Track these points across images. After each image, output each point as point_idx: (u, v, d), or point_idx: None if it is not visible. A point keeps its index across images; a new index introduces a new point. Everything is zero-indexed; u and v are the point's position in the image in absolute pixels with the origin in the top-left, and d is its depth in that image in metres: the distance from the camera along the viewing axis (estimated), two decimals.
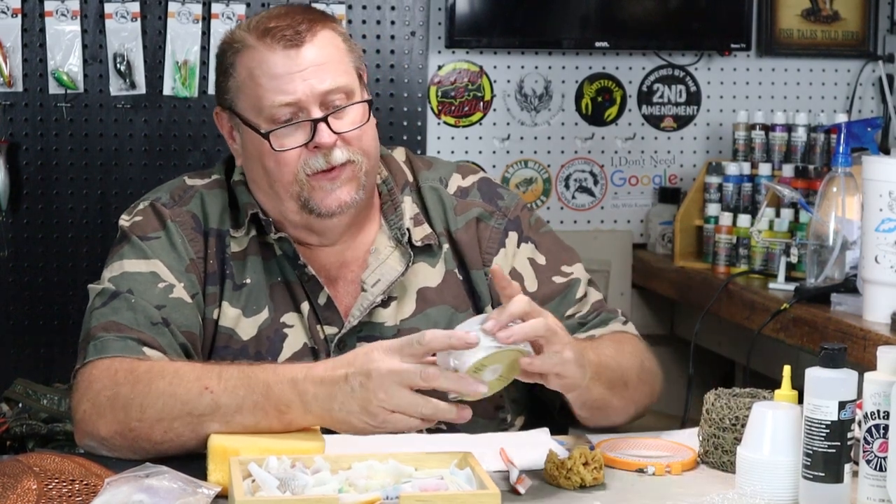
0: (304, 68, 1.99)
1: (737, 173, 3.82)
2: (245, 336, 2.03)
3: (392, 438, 1.98)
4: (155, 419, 1.82)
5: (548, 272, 2.13)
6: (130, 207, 2.12)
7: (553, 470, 1.77)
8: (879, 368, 1.68)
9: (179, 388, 1.82)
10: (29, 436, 3.27)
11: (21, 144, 3.81)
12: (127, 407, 1.84)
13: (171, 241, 2.04)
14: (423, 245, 2.10)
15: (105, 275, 2.03)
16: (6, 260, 3.80)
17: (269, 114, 2.00)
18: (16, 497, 1.63)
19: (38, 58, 3.79)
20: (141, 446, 1.84)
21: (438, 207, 2.14)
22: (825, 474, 1.65)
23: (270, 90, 1.99)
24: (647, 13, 4.14)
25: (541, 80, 4.15)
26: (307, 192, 2.01)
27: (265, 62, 2.00)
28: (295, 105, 1.99)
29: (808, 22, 4.26)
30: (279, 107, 1.99)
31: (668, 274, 3.95)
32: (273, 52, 2.00)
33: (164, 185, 2.15)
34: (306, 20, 2.02)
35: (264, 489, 1.62)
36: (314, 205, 2.01)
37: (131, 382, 1.85)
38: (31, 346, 3.84)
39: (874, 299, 2.90)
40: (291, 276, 2.06)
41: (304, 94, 1.99)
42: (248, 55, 2.02)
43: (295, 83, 1.98)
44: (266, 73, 1.99)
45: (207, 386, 1.80)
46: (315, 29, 2.02)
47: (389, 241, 2.10)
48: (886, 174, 2.82)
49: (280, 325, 2.05)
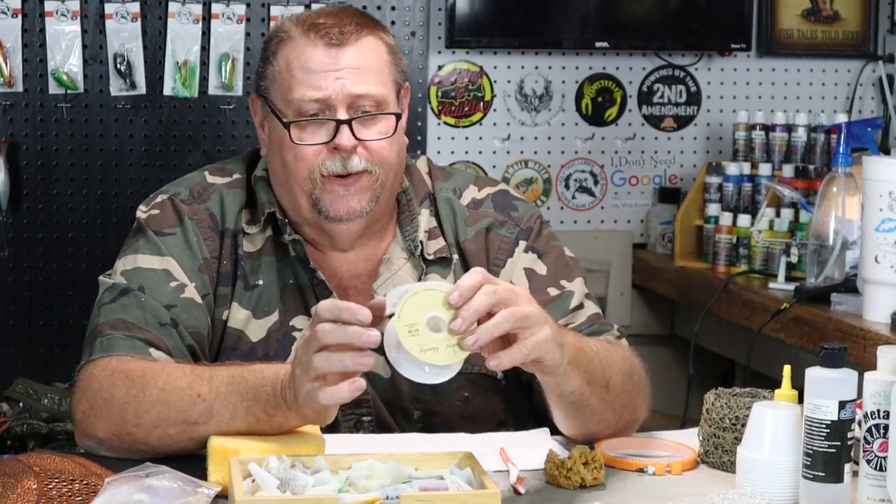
0: (340, 68, 1.98)
1: (737, 173, 3.82)
2: (254, 338, 2.03)
3: (392, 438, 1.99)
4: (151, 426, 1.82)
5: (544, 283, 2.08)
6: (149, 198, 2.11)
7: (553, 470, 1.77)
8: (879, 368, 1.68)
9: (172, 395, 1.81)
10: (29, 435, 3.27)
11: (21, 144, 3.81)
12: (123, 411, 1.83)
13: (186, 238, 2.03)
14: (437, 258, 2.09)
15: (118, 267, 2.02)
16: (6, 260, 3.81)
17: (296, 106, 1.99)
18: (16, 497, 1.63)
19: (38, 58, 3.79)
20: (138, 448, 1.84)
21: (450, 218, 2.12)
22: (825, 474, 1.65)
23: (302, 83, 1.99)
24: (647, 13, 4.15)
25: (541, 80, 4.15)
26: (318, 192, 2.00)
27: (304, 55, 2.00)
28: (323, 102, 1.98)
29: (808, 22, 4.26)
30: (307, 101, 1.98)
31: (668, 274, 3.95)
32: (314, 47, 1.99)
33: (184, 179, 2.13)
34: (355, 23, 2.02)
35: (264, 489, 1.62)
36: (323, 206, 2.00)
37: (126, 385, 1.85)
38: (31, 346, 3.84)
39: (874, 299, 2.90)
40: (304, 279, 2.06)
41: (333, 93, 1.98)
42: (289, 46, 2.02)
43: (328, 80, 1.98)
44: (302, 66, 1.99)
45: (199, 394, 1.80)
46: (361, 33, 2.01)
47: (403, 252, 2.08)
48: (886, 174, 2.82)
49: (289, 329, 2.04)
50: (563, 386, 1.83)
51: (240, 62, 3.86)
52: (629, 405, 1.95)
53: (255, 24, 3.90)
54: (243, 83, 3.87)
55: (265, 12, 3.89)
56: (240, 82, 3.87)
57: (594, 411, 1.90)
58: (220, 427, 1.78)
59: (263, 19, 3.90)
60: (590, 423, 1.92)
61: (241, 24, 3.87)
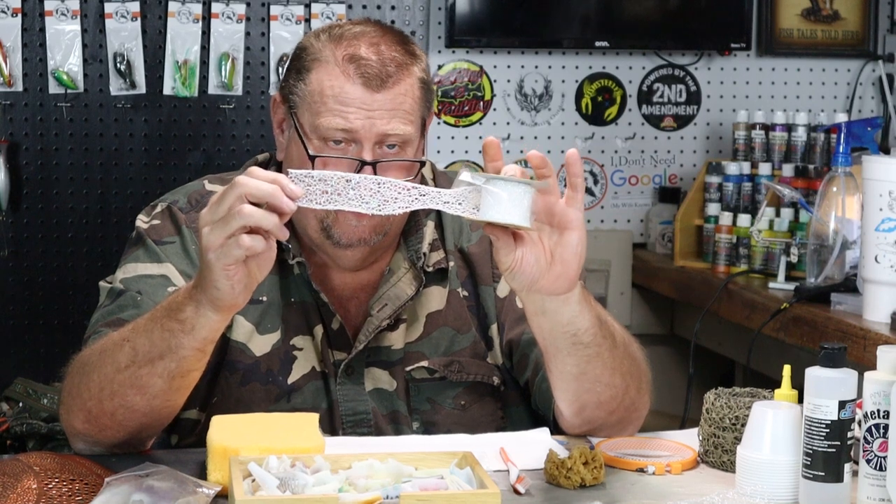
0: (373, 109, 1.96)
1: (737, 173, 3.82)
2: (258, 352, 2.02)
3: (392, 439, 1.99)
4: (98, 390, 1.81)
5: None
6: (148, 207, 2.10)
7: (553, 470, 1.77)
8: (879, 368, 1.68)
9: (106, 353, 1.81)
10: (29, 435, 3.28)
11: (21, 144, 3.81)
12: (80, 392, 1.84)
13: (185, 247, 2.03)
14: (436, 270, 2.08)
15: (118, 275, 2.03)
16: (6, 260, 3.81)
17: (323, 133, 1.97)
18: (16, 496, 1.63)
19: (38, 57, 3.79)
20: (104, 424, 1.83)
21: (454, 225, 2.12)
22: (825, 474, 1.65)
23: (333, 112, 1.96)
24: (647, 13, 4.15)
25: (541, 79, 4.16)
26: (330, 221, 1.99)
27: (339, 87, 1.96)
28: (349, 133, 1.96)
29: (808, 21, 4.26)
30: (335, 130, 1.96)
31: (668, 274, 3.95)
32: (351, 83, 1.96)
33: (184, 188, 2.12)
34: (396, 63, 1.98)
35: (264, 489, 1.62)
36: (334, 234, 1.99)
37: (79, 368, 1.85)
38: (31, 346, 3.84)
39: (874, 299, 2.90)
40: (307, 297, 2.05)
41: (362, 129, 1.95)
42: (325, 70, 1.98)
43: (359, 117, 1.95)
44: (336, 97, 1.96)
45: (125, 338, 1.79)
46: (401, 77, 1.98)
47: (405, 261, 2.07)
48: (886, 174, 2.82)
49: (290, 348, 2.04)
50: (580, 321, 1.80)
51: (240, 62, 3.86)
52: (634, 375, 1.92)
53: (254, 23, 3.90)
54: (243, 83, 3.87)
55: (265, 12, 3.89)
56: (240, 82, 3.87)
57: (605, 365, 1.85)
58: (146, 360, 1.76)
59: (263, 19, 3.90)
60: (598, 385, 1.87)
61: (241, 23, 3.87)
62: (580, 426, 1.95)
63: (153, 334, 1.77)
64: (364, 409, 2.03)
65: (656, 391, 2.05)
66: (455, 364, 2.06)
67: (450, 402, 2.06)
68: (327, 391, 2.03)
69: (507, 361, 2.08)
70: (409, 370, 2.05)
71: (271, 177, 1.66)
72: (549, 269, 1.72)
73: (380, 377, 2.04)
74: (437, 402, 2.05)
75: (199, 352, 1.77)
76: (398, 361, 2.05)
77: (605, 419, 1.93)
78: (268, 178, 1.65)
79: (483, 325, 2.08)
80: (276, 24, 3.90)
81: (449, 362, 2.06)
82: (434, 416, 2.06)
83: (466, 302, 2.08)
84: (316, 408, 2.01)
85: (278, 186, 1.65)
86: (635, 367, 1.93)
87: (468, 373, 2.06)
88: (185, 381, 1.81)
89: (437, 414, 2.06)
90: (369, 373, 2.04)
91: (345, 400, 2.03)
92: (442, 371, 2.05)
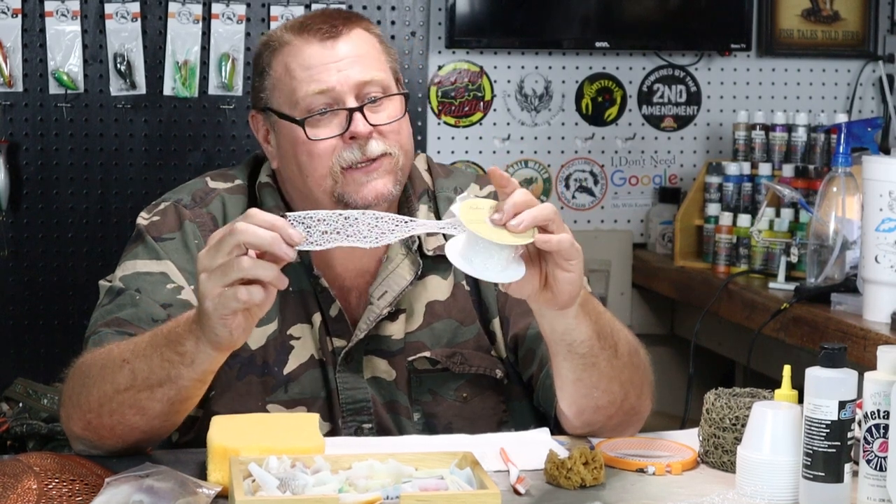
0: (339, 59, 1.99)
1: (737, 173, 3.82)
2: (253, 345, 2.02)
3: (392, 439, 1.99)
4: (97, 405, 1.81)
5: None
6: (151, 205, 2.10)
7: (553, 470, 1.77)
8: (879, 368, 1.68)
9: (106, 370, 1.81)
10: (29, 435, 3.28)
11: (21, 144, 3.81)
12: (80, 401, 1.84)
13: (185, 242, 2.03)
14: (436, 256, 2.06)
15: (117, 273, 2.03)
16: (6, 260, 3.81)
17: (304, 104, 1.98)
18: (16, 497, 1.63)
19: (38, 58, 3.79)
20: (103, 435, 1.84)
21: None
22: (825, 474, 1.65)
23: (305, 80, 1.99)
24: (647, 13, 4.15)
25: (541, 80, 4.16)
26: (341, 187, 1.98)
27: (301, 54, 2.00)
28: (329, 94, 1.98)
29: (808, 22, 4.26)
30: (314, 95, 1.98)
31: (668, 274, 3.95)
32: (309, 45, 2.00)
33: (186, 186, 2.12)
34: (342, 18, 2.04)
35: (264, 489, 1.62)
36: (349, 198, 1.98)
37: (80, 376, 1.85)
38: (31, 346, 3.84)
39: (874, 299, 2.91)
40: (305, 285, 2.05)
41: (338, 83, 1.98)
42: (284, 51, 2.02)
43: (330, 73, 1.98)
44: (301, 64, 1.99)
45: (125, 359, 1.79)
46: (351, 26, 2.02)
47: (402, 248, 2.07)
48: (886, 174, 2.82)
49: (287, 338, 2.03)
50: (575, 333, 1.79)
51: (240, 62, 3.87)
52: (635, 383, 1.92)
53: (255, 24, 3.90)
54: (243, 83, 3.87)
55: (265, 12, 3.90)
56: (240, 82, 3.87)
57: (602, 374, 1.85)
58: (144, 385, 1.76)
59: (263, 19, 3.90)
60: (595, 392, 1.87)
61: (241, 24, 3.87)
62: (580, 427, 1.95)
63: (152, 361, 1.76)
64: (364, 398, 2.03)
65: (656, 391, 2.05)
66: (458, 356, 2.06)
67: (451, 394, 2.06)
68: (325, 380, 2.03)
69: (511, 356, 2.08)
70: (412, 360, 2.05)
71: (270, 222, 1.63)
72: (541, 293, 1.72)
73: (378, 366, 2.04)
74: (439, 394, 2.05)
75: (198, 382, 1.78)
76: (398, 352, 2.05)
77: (604, 423, 1.94)
78: (267, 224, 1.63)
79: (485, 320, 2.08)
80: (276, 25, 3.89)
81: (451, 353, 2.05)
82: (435, 408, 2.05)
83: (470, 296, 2.09)
84: (314, 396, 2.01)
85: (278, 235, 1.62)
86: (637, 374, 1.93)
87: (471, 365, 2.06)
88: (184, 405, 1.83)
89: (438, 405, 2.06)
90: (368, 361, 2.04)
91: (344, 388, 2.03)
92: (444, 362, 2.05)
